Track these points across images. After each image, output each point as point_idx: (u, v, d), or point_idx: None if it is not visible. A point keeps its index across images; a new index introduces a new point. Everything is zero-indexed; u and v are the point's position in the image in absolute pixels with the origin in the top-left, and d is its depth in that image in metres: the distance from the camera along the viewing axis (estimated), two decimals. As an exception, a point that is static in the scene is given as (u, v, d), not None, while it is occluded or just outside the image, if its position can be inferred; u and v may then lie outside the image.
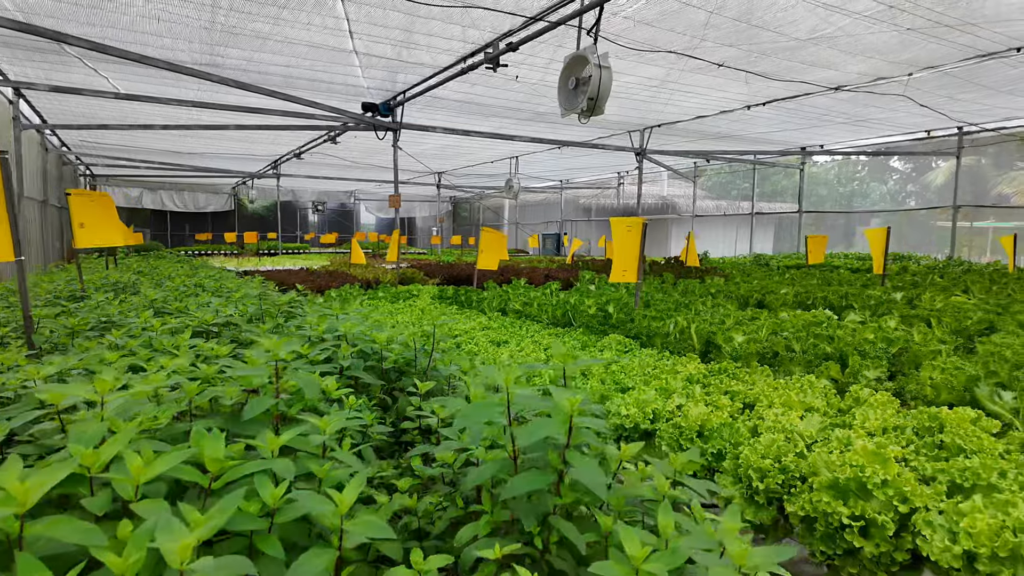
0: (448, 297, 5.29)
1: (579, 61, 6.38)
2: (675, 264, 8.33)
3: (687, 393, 2.18)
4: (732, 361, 2.63)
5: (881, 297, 3.97)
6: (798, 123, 13.63)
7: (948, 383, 1.99)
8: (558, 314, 3.89)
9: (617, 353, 3.01)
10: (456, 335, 3.50)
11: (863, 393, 2.03)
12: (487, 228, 5.22)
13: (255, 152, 18.38)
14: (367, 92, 10.86)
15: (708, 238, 22.94)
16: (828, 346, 2.57)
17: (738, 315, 3.27)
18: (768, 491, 1.54)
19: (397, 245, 6.49)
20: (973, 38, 7.84)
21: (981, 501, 1.24)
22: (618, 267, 3.40)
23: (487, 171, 22.30)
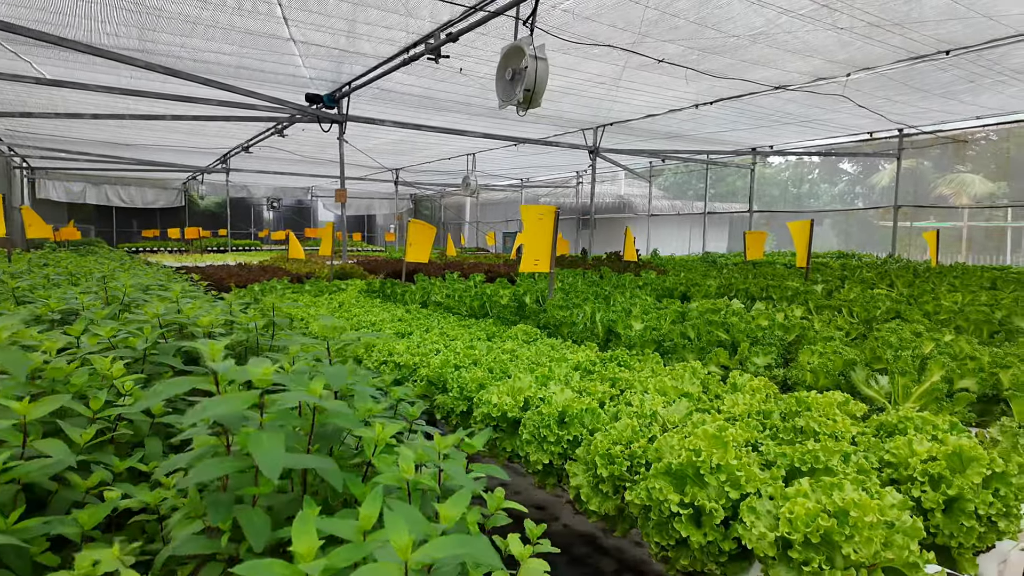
0: (375, 290, 5.12)
1: (516, 52, 6.28)
2: (615, 259, 8.32)
3: (565, 379, 2.09)
4: (627, 349, 2.56)
5: (799, 288, 3.98)
6: (747, 123, 13.85)
7: (825, 368, 1.94)
8: (475, 305, 3.77)
9: (519, 342, 2.91)
10: (360, 327, 3.35)
11: (741, 379, 1.97)
12: (415, 220, 5.07)
13: (202, 145, 17.78)
14: (311, 83, 10.57)
15: (664, 237, 23.21)
16: (723, 333, 2.52)
17: (646, 305, 3.21)
18: (613, 478, 1.44)
19: (331, 240, 6.28)
20: (905, 40, 8.04)
21: (808, 485, 1.17)
22: (529, 257, 3.30)
23: (446, 168, 22.09)
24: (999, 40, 7.94)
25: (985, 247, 18.57)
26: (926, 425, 1.49)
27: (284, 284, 5.83)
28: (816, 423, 1.50)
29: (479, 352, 2.56)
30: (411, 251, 5.03)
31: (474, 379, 2.13)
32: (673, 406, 1.79)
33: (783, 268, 7.35)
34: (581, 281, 5.83)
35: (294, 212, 32.86)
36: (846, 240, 23.22)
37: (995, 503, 1.21)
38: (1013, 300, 3.63)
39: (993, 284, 5.20)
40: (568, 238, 26.73)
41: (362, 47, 8.78)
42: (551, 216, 3.36)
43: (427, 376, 2.30)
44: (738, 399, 1.75)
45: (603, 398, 1.90)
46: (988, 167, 21.93)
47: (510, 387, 1.98)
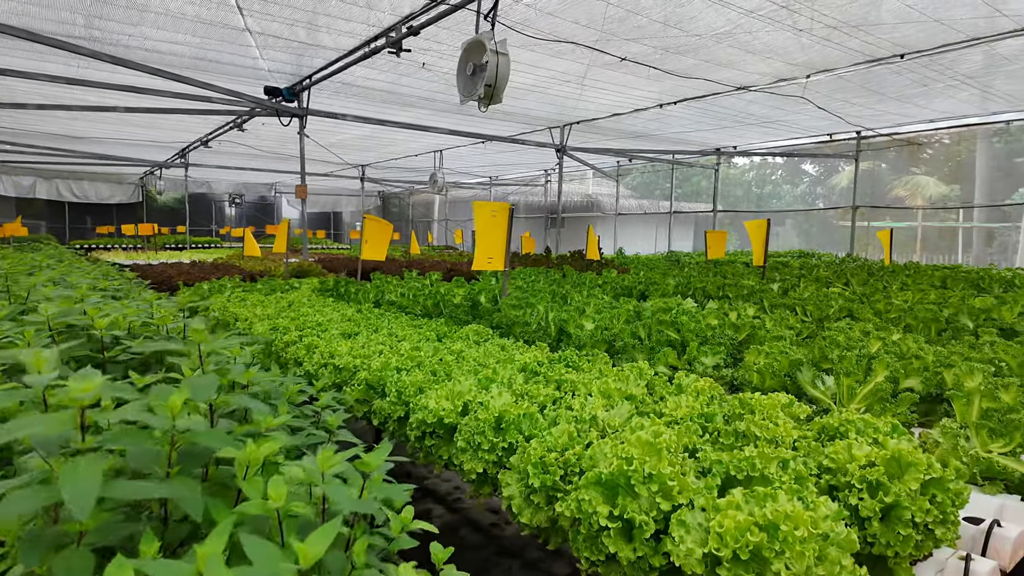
0: (328, 289, 4.96)
1: (477, 47, 6.18)
2: (578, 258, 8.30)
3: (509, 382, 2.00)
4: (577, 349, 2.49)
5: (755, 287, 3.99)
6: (711, 124, 14.01)
7: (772, 368, 1.90)
8: (429, 304, 3.67)
9: (469, 343, 2.81)
10: (305, 328, 3.21)
11: (686, 380, 1.91)
12: (371, 217, 4.93)
13: (158, 139, 17.19)
14: (269, 76, 10.28)
15: (631, 236, 23.38)
16: (673, 333, 2.48)
17: (600, 304, 3.15)
18: (546, 488, 1.36)
19: (286, 236, 6.09)
20: (862, 43, 8.19)
21: (741, 495, 1.10)
22: (482, 254, 3.21)
23: (413, 165, 21.84)
24: (951, 45, 8.16)
25: (938, 247, 19.21)
26: (867, 428, 1.45)
27: (235, 282, 5.63)
28: (757, 427, 1.45)
29: (424, 354, 2.46)
30: (367, 249, 4.89)
31: (413, 382, 2.03)
32: (615, 409, 1.72)
33: (743, 267, 7.42)
34: (543, 279, 5.76)
35: (257, 209, 32.11)
36: (807, 240, 23.76)
37: (932, 510, 1.17)
38: (960, 299, 3.69)
39: (943, 283, 5.32)
40: (537, 237, 26.75)
41: (322, 39, 8.56)
42: (505, 213, 3.27)
43: (366, 379, 2.19)
44: (681, 401, 1.69)
45: (545, 402, 1.82)
46: (941, 170, 22.68)
47: (449, 391, 1.88)
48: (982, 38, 7.93)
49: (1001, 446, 1.54)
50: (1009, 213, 17.84)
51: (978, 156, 17.46)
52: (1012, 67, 9.26)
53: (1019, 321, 3.05)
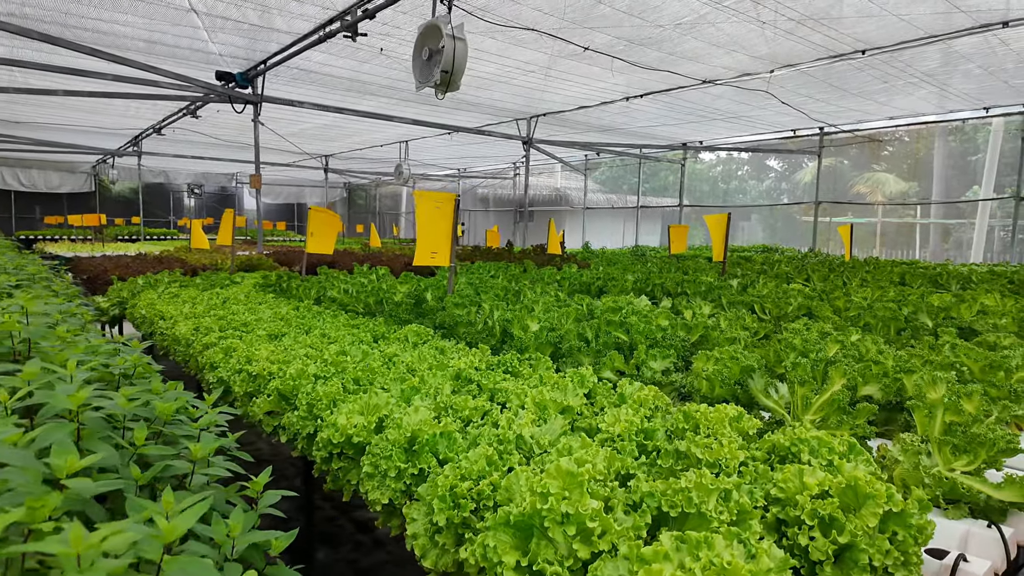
0: (271, 284, 4.68)
1: (433, 31, 5.92)
2: (538, 252, 8.12)
3: (435, 393, 1.80)
4: (519, 353, 2.30)
5: (713, 284, 3.86)
6: (677, 118, 13.97)
7: (721, 375, 1.74)
8: (371, 302, 3.43)
9: (407, 345, 2.60)
10: (228, 328, 2.95)
11: (629, 389, 1.73)
12: (317, 208, 4.65)
13: (108, 126, 16.43)
14: (220, 60, 9.82)
15: (599, 230, 23.36)
16: (622, 335, 2.30)
17: (550, 302, 2.96)
18: (454, 526, 1.16)
19: (231, 227, 5.75)
20: (825, 38, 8.17)
21: (671, 542, 0.92)
22: (425, 248, 2.98)
23: (379, 156, 21.37)
24: (909, 42, 8.20)
25: (897, 242, 19.63)
26: (822, 448, 1.29)
27: (174, 277, 5.29)
28: (699, 448, 1.27)
29: (351, 358, 2.24)
30: (312, 242, 4.61)
31: (328, 393, 1.80)
32: (547, 425, 1.53)
33: (705, 262, 7.34)
34: (503, 275, 5.56)
35: (218, 199, 31.14)
36: (772, 234, 24.06)
37: (892, 551, 1.01)
38: (919, 296, 3.62)
39: (902, 279, 5.30)
40: (505, 230, 26.54)
41: (275, 22, 8.18)
42: (450, 205, 3.06)
43: (278, 389, 1.96)
44: (620, 415, 1.51)
45: (471, 416, 1.62)
46: (901, 167, 23.20)
47: (364, 404, 1.67)
48: (940, 35, 7.98)
49: (965, 464, 1.40)
50: (964, 210, 18.31)
51: (935, 154, 17.86)
52: (968, 66, 9.39)
53: (978, 320, 2.97)
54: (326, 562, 2.63)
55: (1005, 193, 14.34)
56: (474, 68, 9.92)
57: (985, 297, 3.40)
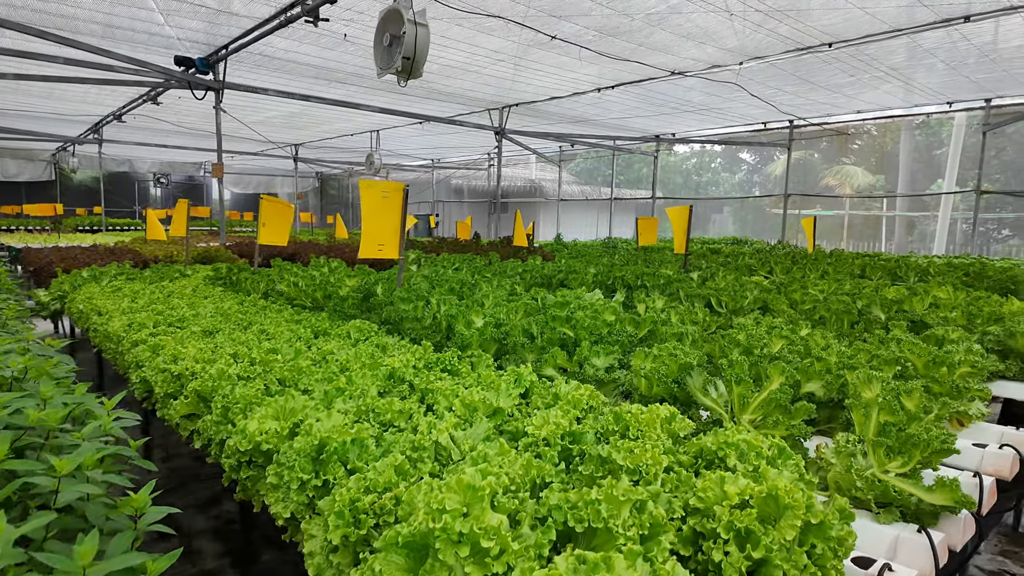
0: (221, 277, 4.51)
1: (394, 16, 5.76)
2: (505, 244, 8.02)
3: (361, 394, 1.70)
4: (460, 350, 2.21)
5: (673, 277, 3.82)
6: (649, 110, 13.95)
7: (659, 373, 1.68)
8: (318, 296, 3.31)
9: (348, 342, 2.49)
10: (162, 324, 2.81)
11: (564, 388, 1.66)
12: (268, 198, 4.49)
13: (66, 112, 15.84)
14: (179, 44, 9.49)
15: (573, 222, 23.35)
16: (567, 330, 2.23)
17: (500, 297, 2.86)
18: (351, 544, 1.07)
19: (185, 218, 5.54)
20: (792, 30, 8.19)
21: (568, 564, 0.84)
22: (371, 240, 2.86)
23: (350, 145, 21.00)
24: (874, 35, 8.26)
25: (864, 234, 19.99)
26: (751, 451, 1.23)
27: (122, 269, 5.08)
28: (621, 453, 1.20)
29: (281, 357, 2.12)
30: (264, 233, 4.45)
31: (244, 396, 1.70)
32: (471, 429, 1.45)
33: (671, 254, 7.33)
34: (467, 267, 5.47)
35: (184, 189, 30.37)
36: (743, 227, 24.32)
37: (809, 566, 0.95)
38: (874, 289, 3.62)
39: (863, 271, 5.33)
40: (480, 221, 26.37)
41: (234, 6, 7.91)
42: (399, 194, 2.94)
43: (197, 390, 1.85)
44: (549, 417, 1.43)
45: (394, 419, 1.53)
46: (869, 160, 23.59)
47: (279, 408, 1.57)
48: (904, 29, 8.05)
49: (899, 465, 1.36)
50: (928, 203, 18.70)
51: (901, 148, 18.18)
52: (931, 60, 9.52)
53: (930, 313, 2.97)
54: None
55: (967, 187, 14.64)
56: (443, 56, 9.76)
57: (938, 290, 3.42)
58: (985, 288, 4.49)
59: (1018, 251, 16.77)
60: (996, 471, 1.64)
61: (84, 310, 3.65)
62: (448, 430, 1.39)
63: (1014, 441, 1.74)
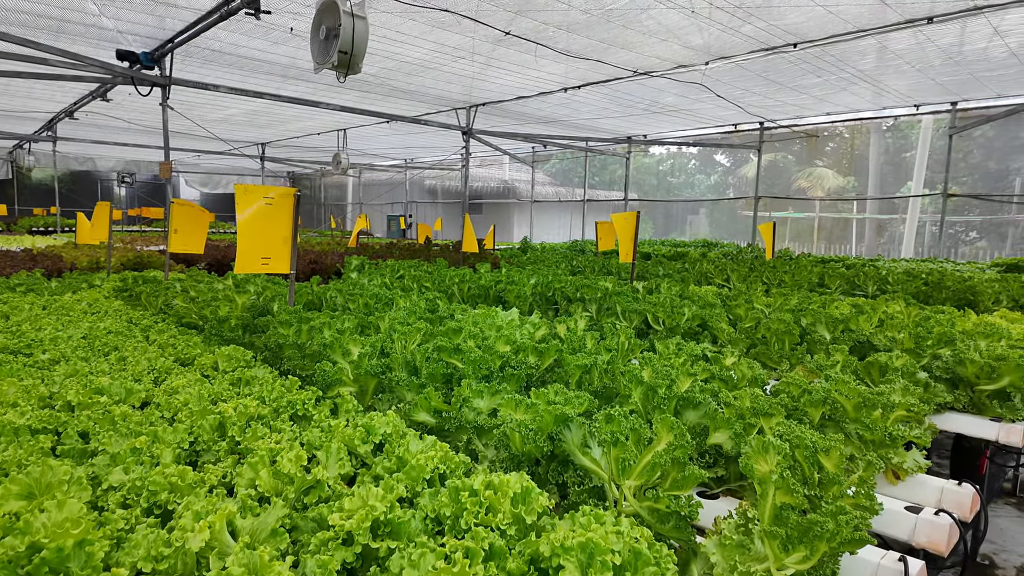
0: (127, 288, 4.12)
1: (330, 8, 5.41)
2: (456, 249, 7.67)
3: (153, 461, 1.37)
4: (324, 388, 1.88)
5: (611, 289, 3.52)
6: (619, 111, 13.73)
7: (529, 427, 1.36)
8: (206, 313, 2.95)
9: (211, 375, 2.15)
10: (6, 351, 2.44)
11: (413, 447, 1.34)
12: (180, 201, 4.11)
13: (14, 108, 15.16)
14: (121, 37, 9.01)
15: (547, 223, 23.10)
16: (456, 361, 1.92)
17: (398, 319, 2.51)
18: None
19: (107, 221, 5.13)
20: (756, 29, 7.98)
21: None
22: (252, 252, 2.49)
23: (318, 144, 20.51)
24: (839, 36, 8.09)
25: (834, 236, 20.01)
26: (598, 558, 0.92)
27: (26, 278, 4.65)
28: (412, 567, 0.89)
29: (107, 398, 1.78)
30: (176, 239, 4.06)
31: (6, 460, 1.35)
32: (262, 516, 1.12)
33: (641, 261, 7.07)
34: (409, 275, 5.13)
35: (150, 189, 29.53)
36: (716, 229, 24.27)
37: None
38: (821, 305, 3.37)
39: (821, 279, 5.11)
40: (452, 223, 25.99)
41: (173, -4, 7.47)
42: (288, 199, 2.58)
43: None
44: (368, 496, 1.12)
45: (169, 501, 1.20)
46: (840, 163, 23.70)
47: (34, 482, 1.23)
48: (868, 30, 7.89)
49: (799, 560, 1.06)
50: (898, 205, 18.76)
51: (871, 150, 18.21)
52: (898, 62, 9.40)
53: (877, 332, 2.71)
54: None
55: (935, 189, 14.65)
56: (400, 52, 9.40)
57: (890, 305, 3.17)
58: (943, 299, 4.28)
59: (985, 253, 16.88)
60: (931, 544, 1.36)
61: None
62: (224, 519, 1.06)
63: (952, 503, 1.47)
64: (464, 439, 1.63)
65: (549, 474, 1.39)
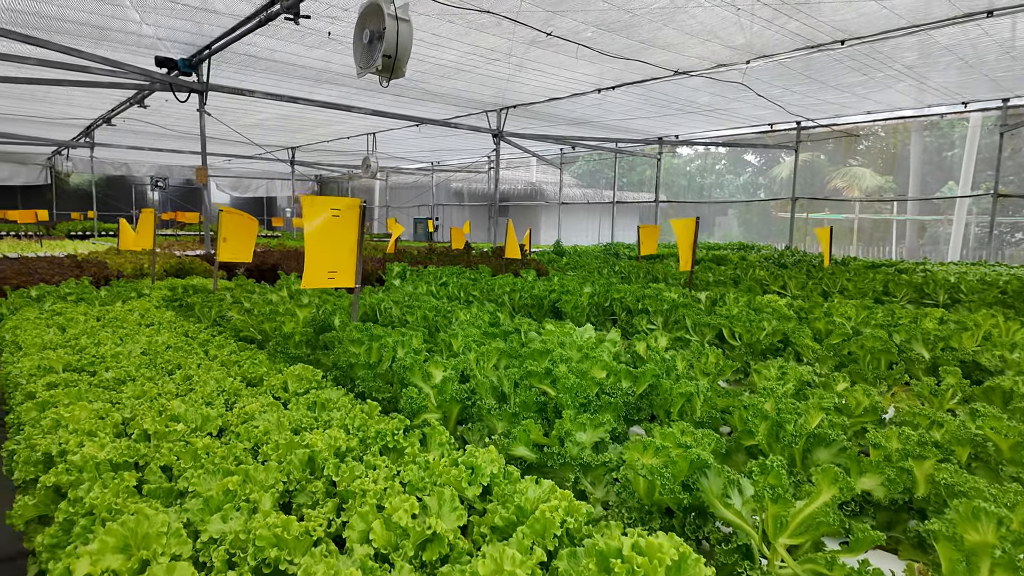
0: (177, 299, 4.07)
1: (374, 11, 5.32)
2: (497, 255, 7.54)
3: (251, 509, 1.25)
4: (410, 416, 1.75)
5: (678, 301, 3.35)
6: (652, 111, 13.49)
7: (663, 473, 1.21)
8: (266, 328, 2.86)
9: (283, 397, 2.05)
10: (72, 368, 2.37)
11: (530, 494, 1.21)
12: (228, 210, 4.05)
13: (54, 116, 15.49)
14: (160, 44, 9.08)
15: (575, 225, 22.88)
16: (548, 388, 1.77)
17: (473, 335, 2.37)
18: None
19: (151, 229, 5.11)
20: (802, 26, 7.72)
21: None
22: (318, 267, 2.39)
23: (348, 148, 20.62)
24: (891, 32, 7.78)
25: (874, 238, 19.47)
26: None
27: (76, 287, 4.65)
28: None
29: (184, 425, 1.68)
30: (225, 249, 4.00)
31: (101, 504, 1.25)
32: (387, 580, 1.00)
33: (675, 267, 6.86)
34: (453, 283, 5.02)
35: (183, 193, 30.02)
36: (748, 230, 23.82)
37: None
38: (912, 319, 3.16)
39: (885, 287, 4.86)
40: (480, 225, 25.93)
41: (213, 3, 7.49)
42: (354, 213, 2.47)
43: (55, 484, 1.40)
44: (503, 560, 0.98)
45: (279, 560, 1.08)
46: (876, 162, 23.07)
47: (129, 532, 1.12)
48: (922, 25, 7.58)
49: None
50: (939, 206, 18.16)
51: (912, 149, 17.65)
52: (948, 58, 9.03)
53: (983, 351, 2.51)
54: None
55: (981, 189, 14.12)
56: (435, 55, 9.33)
57: (986, 319, 2.95)
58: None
59: (1033, 255, 16.24)
60: None
61: (8, 340, 3.21)
62: (347, 591, 0.93)
63: None
64: (571, 478, 1.49)
65: (686, 527, 1.24)
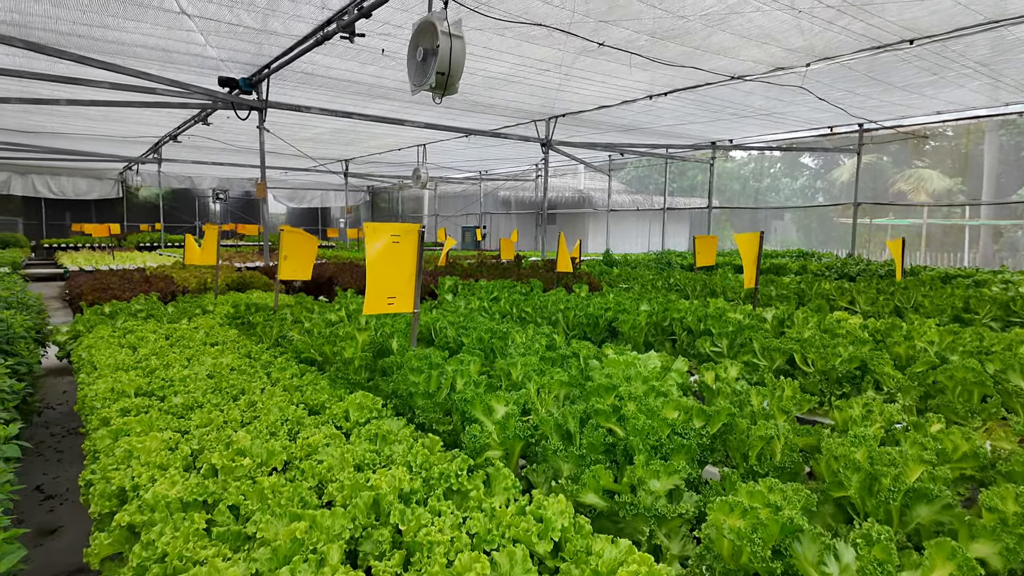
0: (239, 315, 4.18)
1: (427, 29, 5.37)
2: (548, 268, 7.44)
3: (319, 561, 1.23)
4: (472, 455, 1.71)
5: (743, 323, 3.20)
6: (705, 116, 13.18)
7: (751, 539, 1.12)
8: (327, 351, 2.88)
9: (340, 429, 2.04)
10: (144, 392, 2.43)
11: (608, 555, 1.14)
12: (289, 229, 4.13)
13: (125, 134, 16.36)
14: (223, 65, 9.45)
15: (624, 232, 22.58)
16: (617, 428, 1.68)
17: (528, 365, 2.29)
18: None
19: (215, 244, 5.29)
20: (867, 26, 7.38)
21: None
22: (379, 292, 2.38)
23: (399, 159, 20.99)
24: (966, 29, 7.35)
25: (944, 244, 18.41)
26: None
27: (145, 303, 4.84)
28: None
29: (250, 459, 1.68)
30: (286, 266, 4.09)
31: (173, 549, 1.25)
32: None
33: (733, 277, 6.62)
34: (505, 298, 4.99)
35: (242, 205, 31.21)
36: (806, 236, 22.96)
37: None
38: (1006, 345, 2.92)
39: (966, 304, 4.54)
40: (528, 233, 25.92)
41: (271, 24, 7.74)
42: (413, 238, 2.46)
43: (129, 523, 1.42)
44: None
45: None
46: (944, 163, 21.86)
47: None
48: (1001, 20, 7.12)
49: None
50: (1017, 209, 17.04)
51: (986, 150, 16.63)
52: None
53: (1091, 384, 2.28)
54: None
55: (1065, 191, 13.17)
56: (485, 68, 9.37)
57: (1091, 346, 2.69)
58: None
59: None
60: None
61: (85, 359, 3.35)
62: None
63: None
64: (645, 530, 1.40)
65: (777, 597, 1.14)
